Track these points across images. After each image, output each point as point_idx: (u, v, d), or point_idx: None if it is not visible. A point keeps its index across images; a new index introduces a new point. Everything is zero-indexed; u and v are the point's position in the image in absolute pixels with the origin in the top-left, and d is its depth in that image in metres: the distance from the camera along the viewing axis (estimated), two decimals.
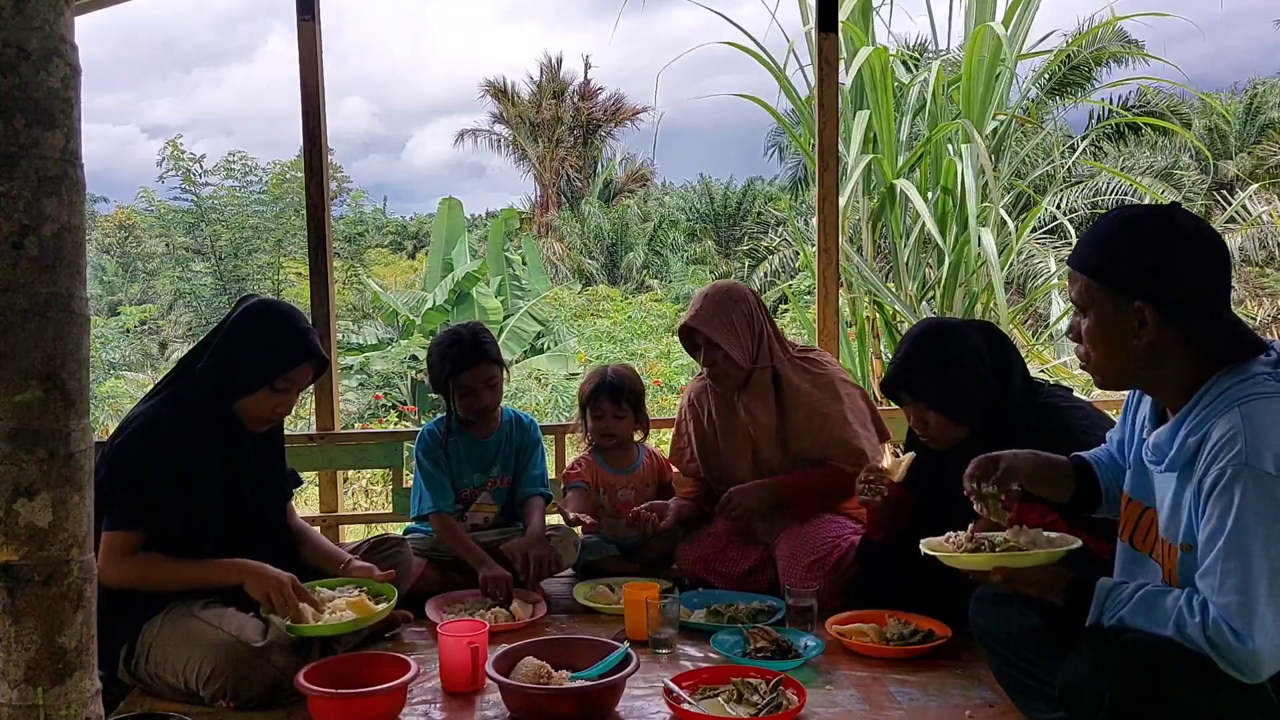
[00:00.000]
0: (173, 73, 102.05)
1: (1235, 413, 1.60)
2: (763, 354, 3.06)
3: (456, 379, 3.07)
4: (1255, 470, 1.54)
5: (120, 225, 22.84)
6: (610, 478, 3.36)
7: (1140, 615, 1.68)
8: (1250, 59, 71.13)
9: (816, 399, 3.02)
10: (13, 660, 1.45)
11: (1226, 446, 1.58)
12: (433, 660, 2.41)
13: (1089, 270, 1.73)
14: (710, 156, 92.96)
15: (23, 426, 1.42)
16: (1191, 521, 1.65)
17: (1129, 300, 1.68)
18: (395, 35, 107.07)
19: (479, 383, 3.07)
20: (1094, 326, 1.74)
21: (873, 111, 6.48)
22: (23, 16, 1.38)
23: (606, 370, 3.37)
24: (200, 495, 2.41)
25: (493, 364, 3.09)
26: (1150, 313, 1.66)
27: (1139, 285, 1.67)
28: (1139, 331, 1.68)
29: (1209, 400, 1.65)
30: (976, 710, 2.21)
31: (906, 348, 2.54)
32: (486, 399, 3.10)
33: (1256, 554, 1.54)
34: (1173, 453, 1.69)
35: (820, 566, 2.86)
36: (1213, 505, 1.59)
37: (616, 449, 3.38)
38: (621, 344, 12.73)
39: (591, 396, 3.32)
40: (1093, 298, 1.73)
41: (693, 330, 3.05)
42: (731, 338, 3.00)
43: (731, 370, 3.04)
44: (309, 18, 3.77)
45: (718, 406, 3.18)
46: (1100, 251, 1.72)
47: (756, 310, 3.09)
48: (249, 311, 2.51)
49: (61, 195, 1.43)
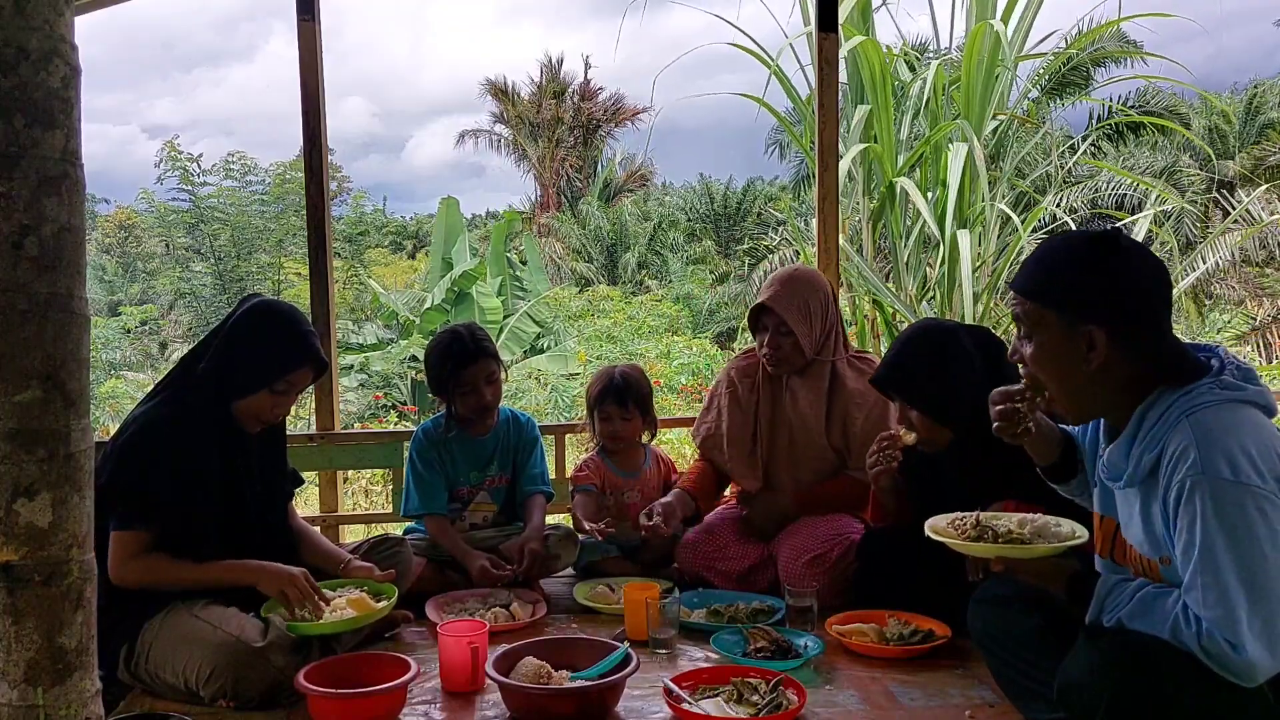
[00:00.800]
0: (173, 73, 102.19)
1: (1185, 424, 1.62)
2: (826, 346, 3.08)
3: (458, 377, 3.06)
4: (1213, 478, 1.56)
5: (120, 225, 22.85)
6: (617, 480, 3.35)
7: (1139, 616, 1.68)
8: (1250, 59, 71.16)
9: (865, 401, 3.03)
10: (13, 660, 1.45)
11: (1181, 459, 1.60)
12: (433, 660, 2.41)
13: (1036, 295, 1.74)
14: (710, 156, 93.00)
15: (23, 426, 1.42)
16: (1167, 535, 1.67)
17: (1078, 324, 1.69)
18: (395, 35, 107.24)
19: (480, 379, 3.07)
20: (1040, 351, 1.75)
21: (873, 110, 6.48)
22: (23, 16, 1.38)
23: (614, 371, 3.35)
24: (200, 495, 2.41)
25: (493, 360, 3.10)
26: (1100, 335, 1.67)
27: (1088, 309, 1.68)
28: (1088, 355, 1.69)
29: (1156, 414, 1.67)
30: (976, 710, 2.21)
31: (899, 347, 2.55)
32: (488, 395, 3.09)
33: (1227, 564, 1.55)
34: (1129, 469, 1.71)
35: (821, 563, 2.86)
36: (1180, 518, 1.61)
37: (624, 451, 3.38)
38: (621, 344, 12.74)
39: (599, 399, 3.31)
40: (1040, 322, 1.74)
41: (763, 310, 3.05)
42: (803, 324, 3.01)
43: (794, 356, 3.05)
44: (309, 18, 3.77)
45: (766, 386, 3.18)
46: (1048, 276, 1.73)
47: (832, 303, 3.12)
48: (250, 312, 2.50)
49: (61, 195, 1.43)
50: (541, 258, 19.15)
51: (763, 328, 3.09)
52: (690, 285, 20.61)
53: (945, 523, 2.13)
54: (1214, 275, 13.85)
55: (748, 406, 3.19)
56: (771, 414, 3.15)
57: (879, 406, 3.01)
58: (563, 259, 23.76)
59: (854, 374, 3.09)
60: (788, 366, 3.09)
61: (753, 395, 3.19)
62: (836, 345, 3.11)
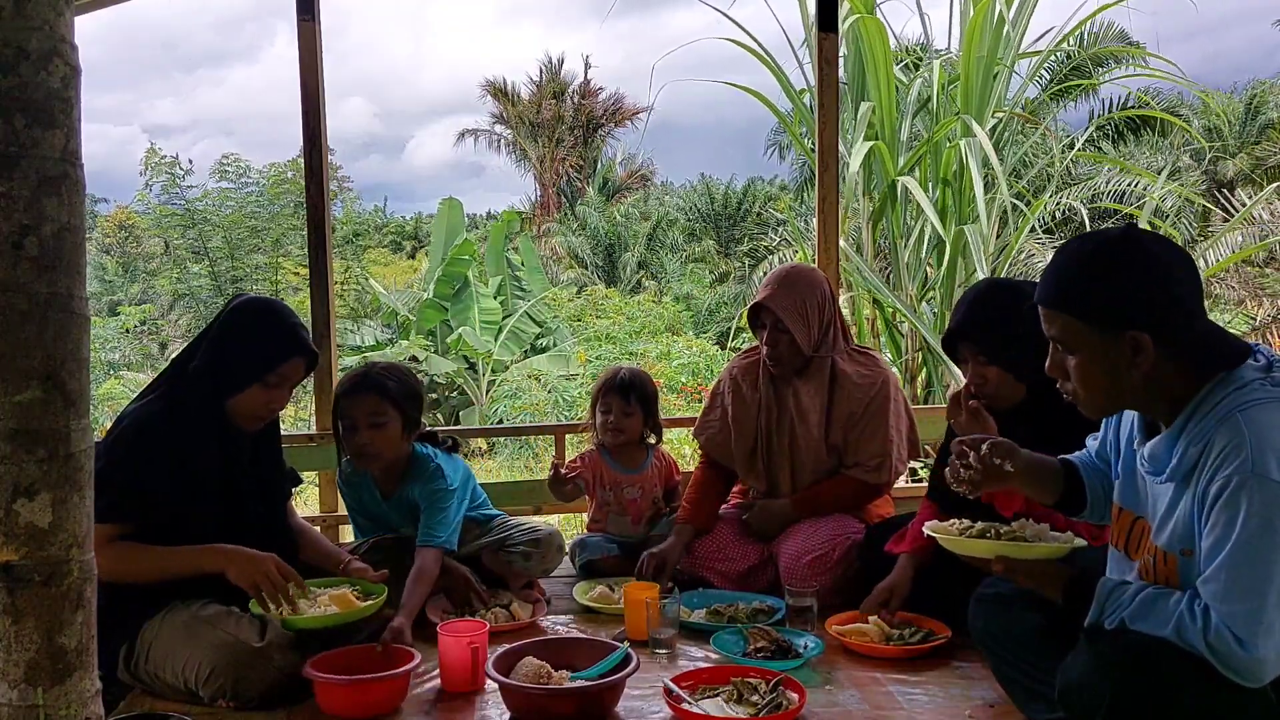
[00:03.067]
0: (175, 73, 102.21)
1: (1237, 420, 1.59)
2: (825, 344, 3.07)
3: (338, 404, 2.81)
4: (1261, 477, 1.54)
5: (120, 225, 22.84)
6: (616, 475, 3.34)
7: (1140, 617, 1.67)
8: (1250, 60, 71.21)
9: (867, 398, 3.03)
10: (13, 660, 1.44)
11: (1232, 455, 1.57)
12: (433, 660, 2.41)
13: (1070, 309, 1.69)
14: (710, 156, 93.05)
15: (23, 426, 1.42)
16: (1193, 528, 1.65)
17: (1120, 332, 1.65)
18: (396, 36, 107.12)
19: (360, 415, 2.76)
20: (1085, 364, 1.71)
21: (875, 102, 6.48)
22: (23, 16, 1.38)
23: (621, 368, 3.39)
24: (193, 492, 2.40)
25: (382, 399, 2.75)
26: (1145, 339, 1.64)
27: (1129, 316, 1.64)
28: (1135, 360, 1.66)
29: (1206, 409, 1.65)
30: (976, 710, 2.21)
31: (973, 298, 2.48)
32: (364, 437, 2.76)
33: (1260, 561, 1.54)
34: (1173, 463, 1.68)
35: (822, 564, 2.86)
36: (1218, 513, 1.58)
37: (624, 447, 3.37)
38: (621, 344, 12.73)
39: (602, 391, 3.33)
40: (1079, 337, 1.69)
41: (760, 309, 3.05)
42: (799, 323, 3.00)
43: (792, 355, 3.04)
44: (309, 18, 3.77)
45: (767, 385, 3.17)
46: (1078, 288, 1.69)
47: (830, 300, 3.11)
48: (239, 309, 2.52)
49: (61, 195, 1.43)
50: (541, 257, 19.16)
51: (760, 326, 3.09)
52: (690, 285, 20.61)
53: (945, 525, 2.12)
54: (1214, 275, 13.84)
55: (751, 406, 3.19)
56: (773, 413, 3.15)
57: (879, 401, 3.01)
58: (562, 259, 23.76)
59: (854, 369, 3.08)
60: (787, 365, 3.08)
61: (755, 394, 3.19)
62: (836, 342, 3.10)
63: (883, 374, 3.10)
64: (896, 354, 6.75)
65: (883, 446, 3.02)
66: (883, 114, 6.49)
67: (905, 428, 3.10)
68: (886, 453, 3.01)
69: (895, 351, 6.74)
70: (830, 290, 3.15)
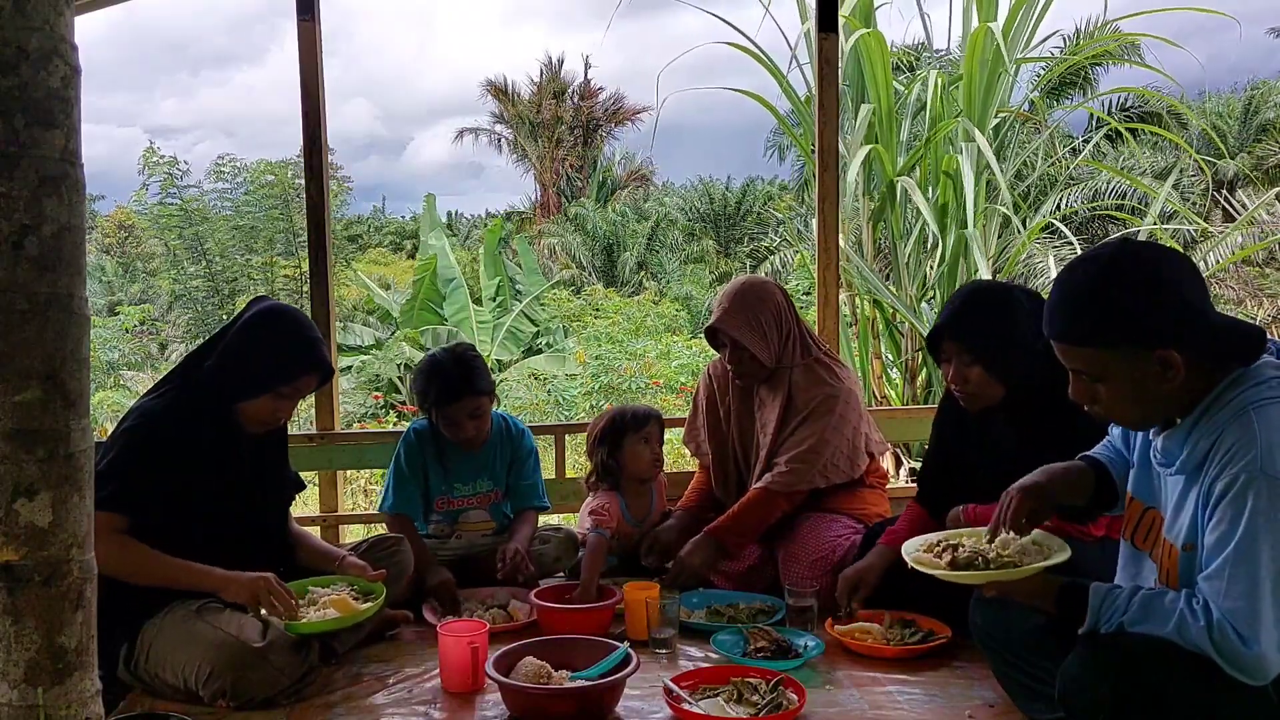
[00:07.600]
0: (179, 74, 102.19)
1: (1249, 417, 1.59)
2: (788, 353, 3.05)
3: (441, 411, 3.00)
4: (1269, 476, 1.54)
5: (120, 225, 22.83)
6: (628, 529, 3.18)
7: (1140, 619, 1.67)
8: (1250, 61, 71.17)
9: (808, 408, 2.99)
10: (13, 660, 1.44)
11: (1241, 452, 1.57)
12: (433, 660, 2.41)
13: (1092, 343, 1.67)
14: (710, 157, 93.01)
15: (23, 426, 1.42)
16: (1196, 523, 1.65)
17: (1148, 352, 1.63)
18: (400, 38, 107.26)
19: (464, 415, 2.98)
20: (1117, 391, 1.69)
21: (873, 108, 6.48)
22: (23, 16, 1.38)
23: (625, 407, 3.20)
24: (191, 490, 2.40)
25: (480, 396, 2.99)
26: (1173, 355, 1.63)
27: (1154, 335, 1.63)
28: (1166, 375, 1.64)
29: (1221, 404, 1.65)
30: (976, 710, 2.21)
31: (959, 299, 2.51)
32: (470, 430, 3.01)
33: (1265, 560, 1.54)
34: (1183, 456, 1.68)
35: (821, 565, 2.86)
36: (1224, 509, 1.58)
37: (636, 491, 3.21)
38: (620, 344, 12.70)
39: (637, 422, 3.13)
40: (1106, 367, 1.67)
41: (717, 330, 3.04)
42: (756, 338, 2.98)
43: (755, 369, 3.04)
44: (309, 17, 3.76)
45: (736, 391, 3.18)
46: (1093, 320, 1.66)
47: (785, 309, 3.06)
48: (260, 315, 2.50)
49: (61, 195, 1.43)
50: (539, 258, 19.16)
51: (721, 345, 3.08)
52: (689, 285, 20.59)
53: (917, 548, 2.11)
54: (1214, 275, 13.84)
55: (721, 415, 3.22)
56: (742, 425, 3.16)
57: (821, 409, 2.96)
58: (561, 259, 23.75)
59: (807, 380, 3.02)
60: (753, 379, 3.09)
61: (725, 401, 3.20)
62: (795, 352, 3.05)
63: (834, 386, 3.01)
64: (896, 354, 6.74)
65: (804, 455, 2.93)
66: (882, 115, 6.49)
67: (848, 438, 2.99)
68: (805, 460, 2.93)
69: (895, 351, 6.73)
70: (784, 299, 3.08)
